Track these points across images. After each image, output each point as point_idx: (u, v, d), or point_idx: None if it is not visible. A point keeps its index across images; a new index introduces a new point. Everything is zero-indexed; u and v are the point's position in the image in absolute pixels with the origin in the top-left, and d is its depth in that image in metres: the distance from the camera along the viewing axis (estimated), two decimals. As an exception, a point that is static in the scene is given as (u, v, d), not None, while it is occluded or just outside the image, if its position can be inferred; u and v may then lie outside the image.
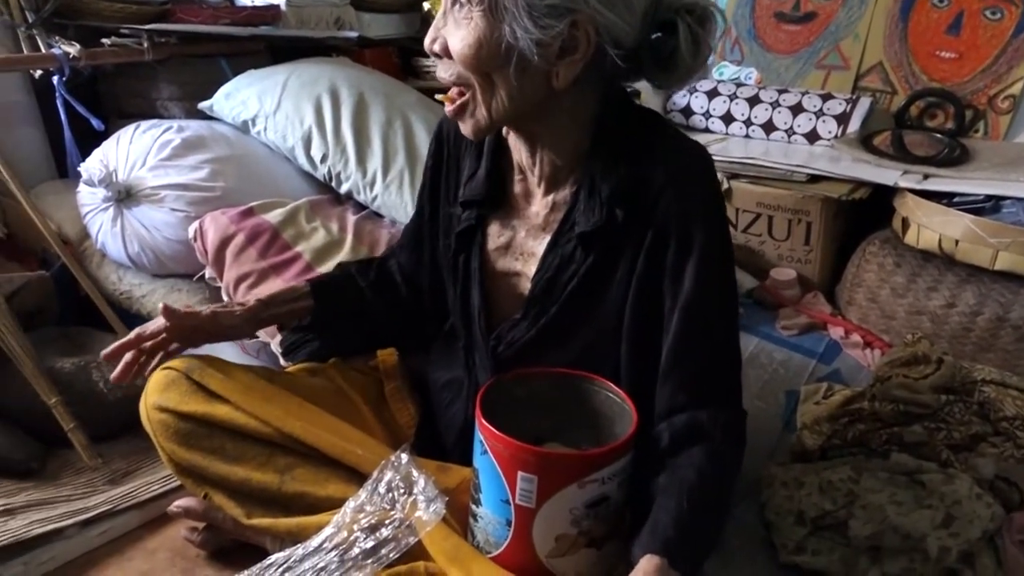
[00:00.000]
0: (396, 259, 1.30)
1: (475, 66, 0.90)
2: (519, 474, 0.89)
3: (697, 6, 0.92)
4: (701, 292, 0.94)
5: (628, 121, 0.99)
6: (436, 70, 0.96)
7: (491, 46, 0.88)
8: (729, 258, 1.00)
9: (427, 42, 0.94)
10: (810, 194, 1.86)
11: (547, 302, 1.03)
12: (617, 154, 0.97)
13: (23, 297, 1.54)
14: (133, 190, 1.63)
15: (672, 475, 0.93)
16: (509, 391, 1.01)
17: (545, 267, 1.03)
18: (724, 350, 1.00)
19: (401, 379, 1.30)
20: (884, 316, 1.73)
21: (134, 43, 1.87)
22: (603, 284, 1.00)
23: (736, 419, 1.00)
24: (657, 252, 0.96)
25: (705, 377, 0.97)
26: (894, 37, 2.19)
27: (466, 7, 0.88)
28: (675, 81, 0.97)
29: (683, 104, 2.32)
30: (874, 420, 1.32)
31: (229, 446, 1.08)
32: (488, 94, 0.92)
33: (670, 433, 0.95)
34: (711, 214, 0.96)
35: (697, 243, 0.94)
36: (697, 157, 0.98)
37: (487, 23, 0.87)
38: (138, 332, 1.12)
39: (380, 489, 1.00)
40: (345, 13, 2.43)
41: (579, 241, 0.99)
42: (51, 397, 1.39)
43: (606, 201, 0.96)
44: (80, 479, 1.37)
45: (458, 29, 0.89)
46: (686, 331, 0.95)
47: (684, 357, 0.96)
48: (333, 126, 1.78)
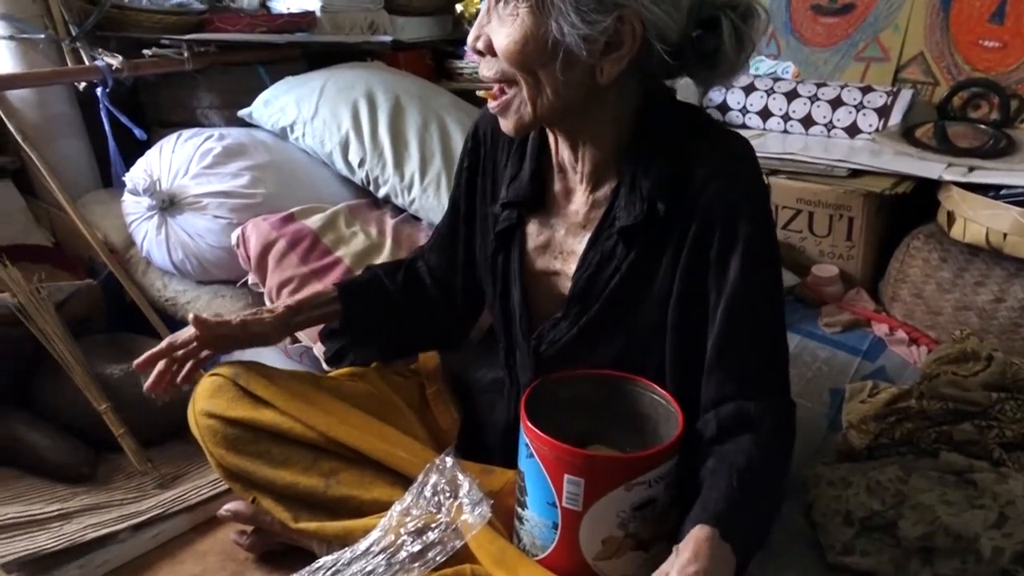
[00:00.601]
0: (425, 261, 1.30)
1: (520, 63, 0.90)
2: (566, 477, 0.89)
3: (740, 3, 0.91)
4: (747, 284, 0.94)
5: (670, 116, 0.99)
6: (479, 68, 0.96)
7: (537, 42, 0.88)
8: (774, 249, 0.99)
9: (470, 40, 0.94)
10: (851, 189, 1.83)
11: (588, 300, 1.03)
12: (659, 149, 0.96)
13: (72, 305, 1.57)
14: (176, 198, 1.66)
15: (721, 460, 0.92)
16: (553, 393, 1.01)
17: (585, 265, 1.03)
18: (771, 341, 0.99)
19: (442, 382, 1.30)
20: (930, 312, 1.69)
21: (174, 53, 1.91)
22: (645, 280, 1.00)
23: (785, 410, 0.99)
24: (701, 245, 0.95)
25: (752, 368, 0.96)
26: (935, 27, 2.15)
27: (512, 3, 0.88)
28: (718, 78, 0.96)
29: (719, 100, 2.30)
30: (922, 418, 1.30)
31: (275, 451, 1.09)
32: (533, 90, 0.92)
33: (717, 422, 0.95)
34: (755, 205, 0.96)
35: (742, 235, 0.93)
36: (740, 149, 0.98)
37: (533, 19, 0.87)
38: (169, 341, 1.14)
39: (426, 492, 1.01)
40: (379, 17, 2.44)
41: (620, 236, 0.99)
42: (101, 403, 1.42)
43: (647, 195, 0.96)
44: (131, 483, 1.39)
45: (503, 26, 0.89)
46: (732, 323, 0.95)
47: (730, 349, 0.96)
48: (370, 130, 1.79)
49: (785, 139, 2.15)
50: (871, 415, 1.34)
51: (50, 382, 1.47)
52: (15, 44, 1.79)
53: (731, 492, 0.87)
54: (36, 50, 1.81)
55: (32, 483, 1.36)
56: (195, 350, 1.14)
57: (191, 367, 1.15)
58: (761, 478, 0.90)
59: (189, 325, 1.14)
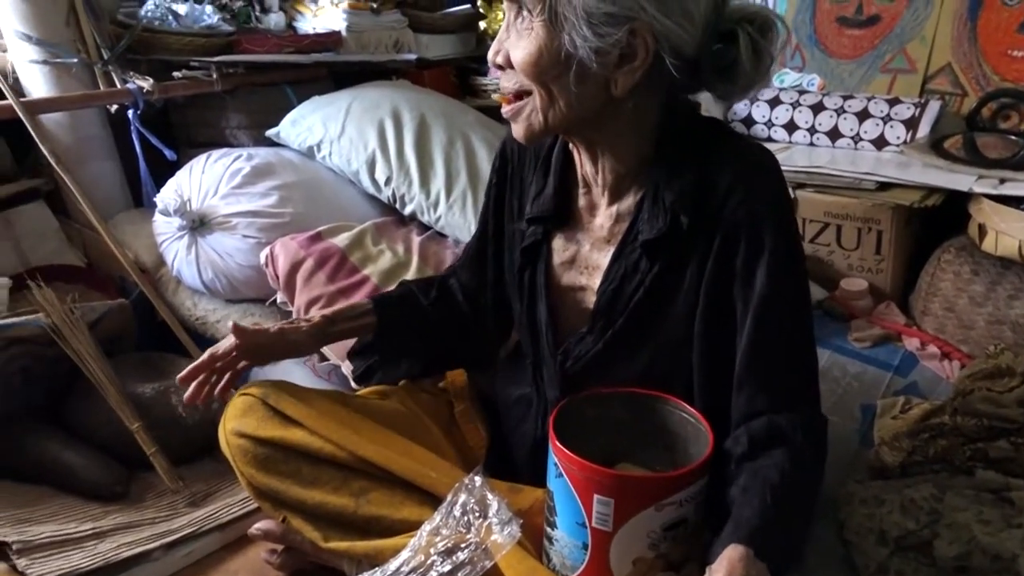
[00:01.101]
0: (457, 278, 1.31)
1: (535, 75, 0.91)
2: (595, 497, 0.88)
3: (758, 16, 0.91)
4: (774, 294, 0.93)
5: (692, 129, 0.99)
6: (499, 81, 0.98)
7: (551, 55, 0.89)
8: (800, 259, 0.99)
9: (491, 55, 0.96)
10: (880, 202, 1.82)
11: (613, 314, 1.03)
12: (681, 161, 0.96)
13: (105, 325, 1.60)
14: (206, 218, 1.68)
15: (754, 476, 0.91)
16: (581, 411, 1.01)
17: (610, 279, 1.03)
18: (800, 353, 0.98)
19: (470, 400, 1.31)
20: (962, 326, 1.67)
21: (204, 75, 1.94)
22: (670, 294, 0.99)
23: (817, 423, 0.98)
24: (726, 257, 0.95)
25: (782, 381, 0.96)
26: (962, 38, 2.13)
27: (527, 18, 0.90)
28: (736, 92, 0.96)
29: (744, 114, 2.29)
30: (956, 435, 1.28)
31: (305, 470, 1.10)
32: (546, 101, 0.93)
33: (748, 437, 0.94)
34: (780, 215, 0.95)
35: (767, 245, 0.93)
36: (763, 159, 0.97)
37: (547, 32, 0.88)
38: (211, 352, 1.15)
39: (455, 512, 1.01)
40: (404, 36, 2.47)
41: (643, 250, 0.98)
42: (133, 422, 1.43)
43: (670, 208, 0.95)
44: (162, 502, 1.41)
45: (520, 40, 0.91)
46: (760, 334, 0.94)
47: (759, 361, 0.95)
48: (396, 149, 1.81)
49: (811, 152, 2.14)
50: (904, 432, 1.32)
51: (84, 401, 1.49)
52: (49, 68, 1.83)
53: (765, 509, 0.86)
54: (69, 74, 1.84)
55: (66, 501, 1.38)
56: (233, 361, 1.15)
57: (229, 378, 1.16)
58: (795, 493, 0.90)
59: (229, 335, 1.15)
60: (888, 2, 2.26)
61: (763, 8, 0.93)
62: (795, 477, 0.90)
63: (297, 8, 2.35)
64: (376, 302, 1.26)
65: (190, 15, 2.00)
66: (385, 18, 2.39)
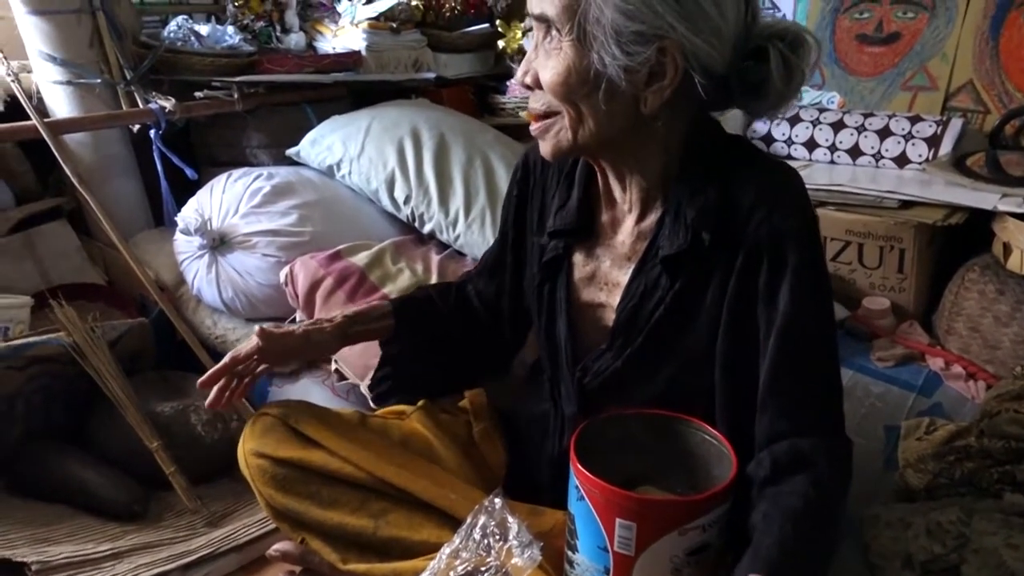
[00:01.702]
0: (473, 285, 1.31)
1: (564, 94, 0.91)
2: (617, 521, 0.87)
3: (788, 32, 0.91)
4: (797, 314, 0.92)
5: (717, 147, 0.98)
6: (529, 102, 0.98)
7: (580, 74, 0.89)
8: (825, 279, 0.97)
9: (519, 75, 0.97)
10: (902, 220, 1.80)
11: (632, 331, 1.02)
12: (705, 178, 0.96)
13: (125, 343, 1.60)
14: (227, 237, 1.69)
15: (775, 503, 0.89)
16: (602, 432, 1.00)
17: (629, 295, 1.02)
18: (825, 375, 0.97)
19: (490, 419, 1.30)
20: (988, 346, 1.65)
21: (225, 95, 1.95)
22: (691, 312, 0.98)
23: (841, 447, 0.96)
24: (749, 275, 0.94)
25: (806, 403, 0.94)
26: (984, 55, 2.12)
27: (556, 38, 0.90)
28: (767, 108, 0.95)
29: (764, 132, 2.28)
30: (983, 457, 1.26)
31: (324, 491, 1.09)
32: (575, 120, 0.93)
33: (771, 461, 0.92)
34: (804, 233, 0.94)
35: (791, 264, 0.92)
36: (787, 176, 0.96)
37: (576, 52, 0.88)
38: (232, 355, 1.14)
39: (475, 535, 0.99)
40: (423, 55, 2.48)
41: (663, 266, 0.98)
42: (152, 441, 1.43)
43: (691, 224, 0.95)
44: (181, 521, 1.41)
45: (548, 59, 0.91)
46: (783, 355, 0.93)
47: (783, 383, 0.93)
48: (415, 168, 1.81)
49: (832, 170, 2.12)
50: (929, 454, 1.30)
51: (103, 420, 1.49)
52: (72, 88, 1.85)
53: (784, 539, 0.84)
54: (92, 94, 1.87)
55: (84, 521, 1.38)
56: (254, 364, 1.15)
57: (248, 382, 1.16)
58: (818, 522, 0.88)
59: (251, 336, 1.15)
60: (909, 19, 2.25)
61: (794, 24, 0.93)
62: (818, 504, 0.88)
63: (317, 28, 2.37)
64: (396, 304, 1.26)
65: (212, 36, 2.02)
66: (404, 37, 2.41)
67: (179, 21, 2.00)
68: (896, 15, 2.28)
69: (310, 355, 1.22)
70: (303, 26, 2.33)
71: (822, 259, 0.97)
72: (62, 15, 1.80)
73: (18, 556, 1.23)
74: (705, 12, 0.85)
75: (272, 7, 2.23)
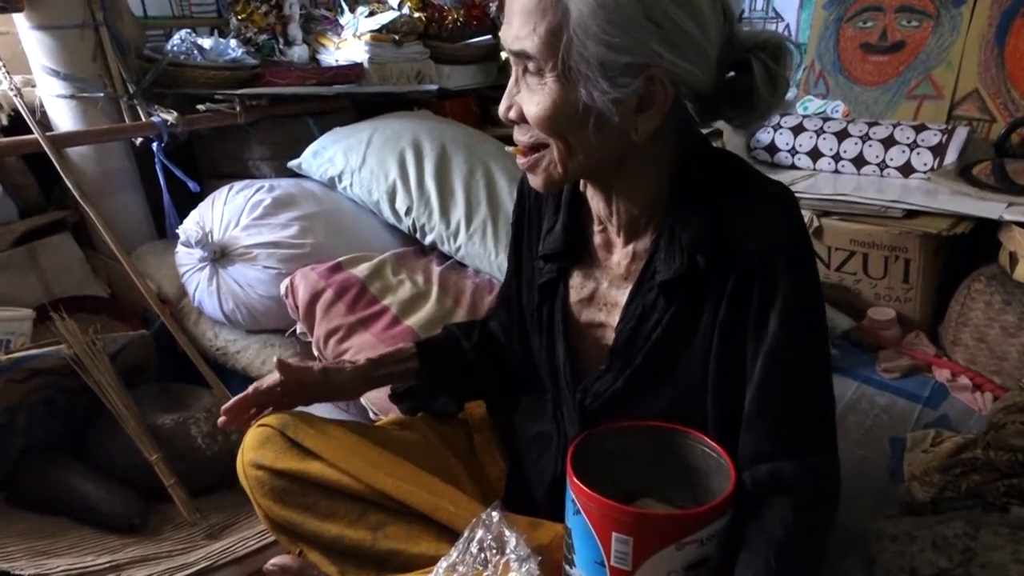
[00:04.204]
0: (497, 319, 1.30)
1: (553, 130, 0.89)
2: (614, 535, 0.86)
3: (770, 43, 0.90)
4: (785, 338, 0.90)
5: (707, 165, 0.97)
6: (514, 135, 0.95)
7: (568, 109, 0.87)
8: (817, 303, 0.96)
9: (502, 110, 0.94)
10: (907, 230, 1.79)
11: (631, 353, 1.01)
12: (697, 199, 0.94)
13: (126, 356, 1.61)
14: (228, 249, 1.69)
15: (758, 530, 0.88)
16: (600, 445, 0.99)
17: (628, 317, 1.01)
18: (812, 398, 0.95)
19: (490, 431, 1.29)
20: (994, 357, 1.63)
21: (227, 107, 1.96)
22: (687, 333, 0.97)
23: (825, 470, 0.95)
24: (740, 299, 0.92)
25: (790, 426, 0.93)
26: (990, 63, 2.11)
27: (537, 75, 0.87)
28: (755, 119, 0.94)
29: (767, 141, 2.27)
30: (990, 470, 1.24)
31: (322, 503, 1.08)
32: (564, 153, 0.91)
33: (752, 483, 0.91)
34: (795, 258, 0.92)
35: (781, 289, 0.90)
36: (779, 200, 0.95)
37: (561, 87, 0.86)
38: (255, 387, 1.14)
39: (472, 548, 0.98)
40: (425, 67, 2.49)
41: (660, 290, 0.97)
42: (152, 453, 1.43)
43: (687, 248, 0.94)
44: (180, 534, 1.40)
45: (532, 95, 0.89)
46: (769, 378, 0.92)
47: (767, 405, 0.92)
48: (417, 179, 1.81)
49: (836, 179, 2.11)
50: (935, 466, 1.29)
51: (104, 432, 1.49)
52: (75, 102, 1.86)
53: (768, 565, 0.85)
54: (96, 108, 1.87)
55: (84, 533, 1.38)
56: (278, 397, 1.15)
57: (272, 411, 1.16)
58: (799, 547, 0.88)
59: (273, 371, 1.14)
60: (913, 28, 2.24)
61: (774, 34, 0.92)
62: (799, 529, 0.88)
63: (320, 41, 2.38)
64: (420, 347, 1.25)
65: (215, 49, 2.03)
66: (407, 50, 2.41)
67: (182, 35, 2.01)
68: (900, 24, 2.28)
69: (329, 396, 1.21)
70: (306, 39, 2.34)
71: (815, 283, 0.96)
72: (65, 30, 1.81)
73: (17, 569, 1.22)
74: (688, 34, 0.84)
75: (275, 20, 2.24)
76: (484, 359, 1.27)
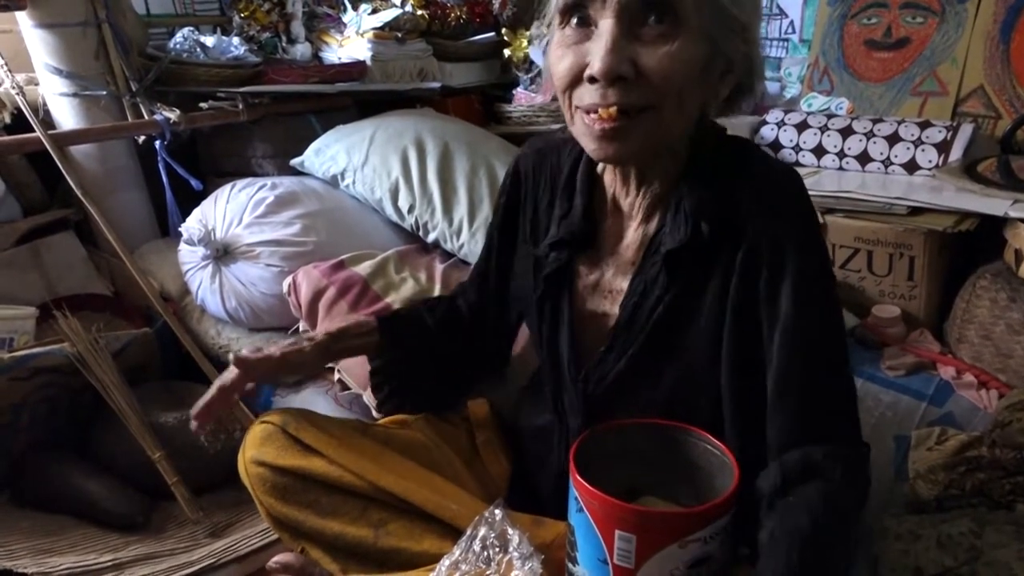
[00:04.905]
0: (464, 297, 1.29)
1: (679, 86, 0.84)
2: (616, 533, 0.86)
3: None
4: (800, 315, 0.90)
5: (722, 146, 0.98)
6: (600, 97, 0.85)
7: (699, 63, 0.84)
8: (829, 280, 0.95)
9: (612, 64, 0.82)
10: (912, 227, 1.78)
11: (633, 330, 1.00)
12: (707, 176, 0.94)
13: (129, 354, 1.61)
14: (230, 247, 1.69)
15: (783, 521, 0.86)
16: (603, 443, 0.98)
17: (630, 295, 1.00)
18: (835, 378, 0.94)
19: (492, 429, 1.29)
20: (1000, 354, 1.62)
21: (230, 105, 1.96)
22: (692, 309, 0.96)
23: (857, 455, 0.93)
24: (750, 277, 0.92)
25: (817, 408, 0.91)
26: (995, 59, 2.10)
27: (670, 24, 0.83)
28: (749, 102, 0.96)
29: (771, 138, 2.26)
30: (995, 468, 1.23)
31: (324, 500, 1.08)
32: (676, 114, 0.87)
33: (782, 471, 0.89)
34: (804, 235, 0.92)
35: (790, 265, 0.90)
36: (787, 178, 0.95)
37: (697, 38, 0.84)
38: (219, 386, 1.14)
39: (475, 547, 0.98)
40: (428, 64, 2.48)
41: (664, 262, 0.96)
42: (155, 452, 1.43)
43: (691, 214, 0.93)
44: (183, 532, 1.40)
45: (661, 46, 0.83)
46: (789, 359, 0.90)
47: (790, 386, 0.91)
48: (419, 177, 1.81)
49: (841, 177, 2.10)
50: (940, 464, 1.28)
51: (107, 431, 1.49)
52: (78, 100, 1.86)
53: (790, 565, 0.82)
54: (98, 106, 1.87)
55: (87, 531, 1.38)
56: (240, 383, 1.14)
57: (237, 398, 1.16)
58: (827, 540, 0.85)
59: (231, 367, 1.14)
60: (918, 24, 2.23)
61: None
62: (829, 520, 0.85)
63: (323, 39, 2.38)
64: (381, 320, 1.24)
65: (218, 47, 2.02)
66: (410, 47, 2.41)
67: (185, 32, 2.01)
68: (905, 20, 2.26)
69: (291, 375, 1.20)
70: (309, 36, 2.34)
71: (825, 260, 0.96)
72: (68, 28, 1.81)
73: (20, 567, 1.22)
74: None
75: (278, 18, 2.24)
76: (445, 334, 1.25)
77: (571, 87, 0.89)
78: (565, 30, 0.88)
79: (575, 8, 0.86)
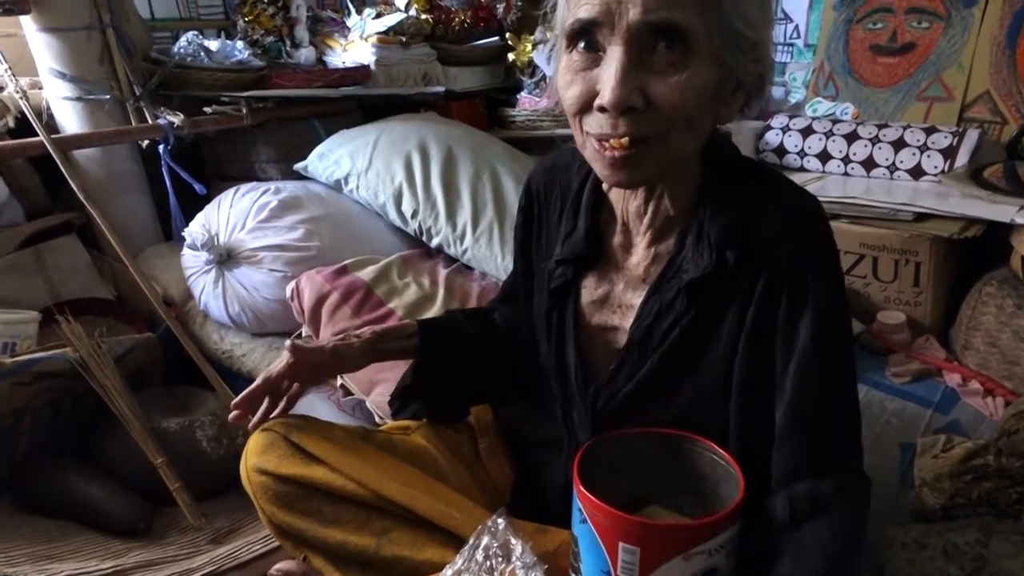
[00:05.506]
0: (499, 312, 1.29)
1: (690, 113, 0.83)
2: (620, 545, 0.85)
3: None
4: (817, 349, 0.89)
5: (735, 168, 0.96)
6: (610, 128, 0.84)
7: (709, 88, 0.83)
8: (845, 312, 0.94)
9: (622, 96, 0.80)
10: (917, 233, 1.77)
11: (645, 351, 0.99)
12: (726, 199, 0.93)
13: (131, 359, 1.60)
14: (233, 252, 1.68)
15: (797, 560, 0.86)
16: (608, 452, 0.97)
17: (644, 315, 0.99)
18: (844, 412, 0.93)
19: (495, 436, 1.28)
20: (1006, 362, 1.61)
21: (233, 110, 1.96)
22: (708, 336, 0.95)
23: (860, 488, 0.93)
24: (768, 305, 0.91)
25: (825, 441, 0.91)
26: (1001, 64, 2.09)
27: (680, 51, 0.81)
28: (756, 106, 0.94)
29: (776, 143, 2.26)
30: (1002, 477, 1.23)
31: (326, 509, 1.08)
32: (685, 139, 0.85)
33: (790, 504, 0.89)
34: (826, 265, 0.91)
35: (811, 297, 0.89)
36: (809, 205, 0.93)
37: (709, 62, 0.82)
38: (265, 376, 1.13)
39: (477, 556, 0.98)
40: (432, 69, 2.48)
41: (686, 290, 0.95)
42: (157, 457, 1.43)
43: (715, 243, 0.92)
44: (184, 538, 1.40)
45: (673, 75, 0.81)
46: (802, 391, 0.90)
47: (801, 419, 0.90)
48: (423, 182, 1.81)
49: (846, 182, 2.10)
50: (946, 472, 1.28)
51: (109, 436, 1.49)
52: (82, 104, 1.86)
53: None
54: (102, 110, 1.87)
55: (89, 537, 1.37)
56: (287, 386, 1.14)
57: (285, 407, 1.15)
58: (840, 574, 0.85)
59: (283, 354, 1.13)
60: (923, 29, 2.22)
61: None
62: (841, 556, 0.86)
63: (327, 43, 2.38)
64: (422, 324, 1.23)
65: (221, 51, 2.02)
66: (414, 51, 2.41)
67: (189, 37, 2.01)
68: (911, 25, 2.26)
69: (338, 371, 1.19)
70: (313, 41, 2.34)
71: (843, 292, 0.94)
72: (72, 32, 1.81)
73: (21, 574, 1.22)
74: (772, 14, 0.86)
75: (282, 22, 2.24)
76: (484, 345, 1.25)
77: (581, 113, 0.88)
78: (572, 54, 0.86)
79: (582, 33, 0.84)
